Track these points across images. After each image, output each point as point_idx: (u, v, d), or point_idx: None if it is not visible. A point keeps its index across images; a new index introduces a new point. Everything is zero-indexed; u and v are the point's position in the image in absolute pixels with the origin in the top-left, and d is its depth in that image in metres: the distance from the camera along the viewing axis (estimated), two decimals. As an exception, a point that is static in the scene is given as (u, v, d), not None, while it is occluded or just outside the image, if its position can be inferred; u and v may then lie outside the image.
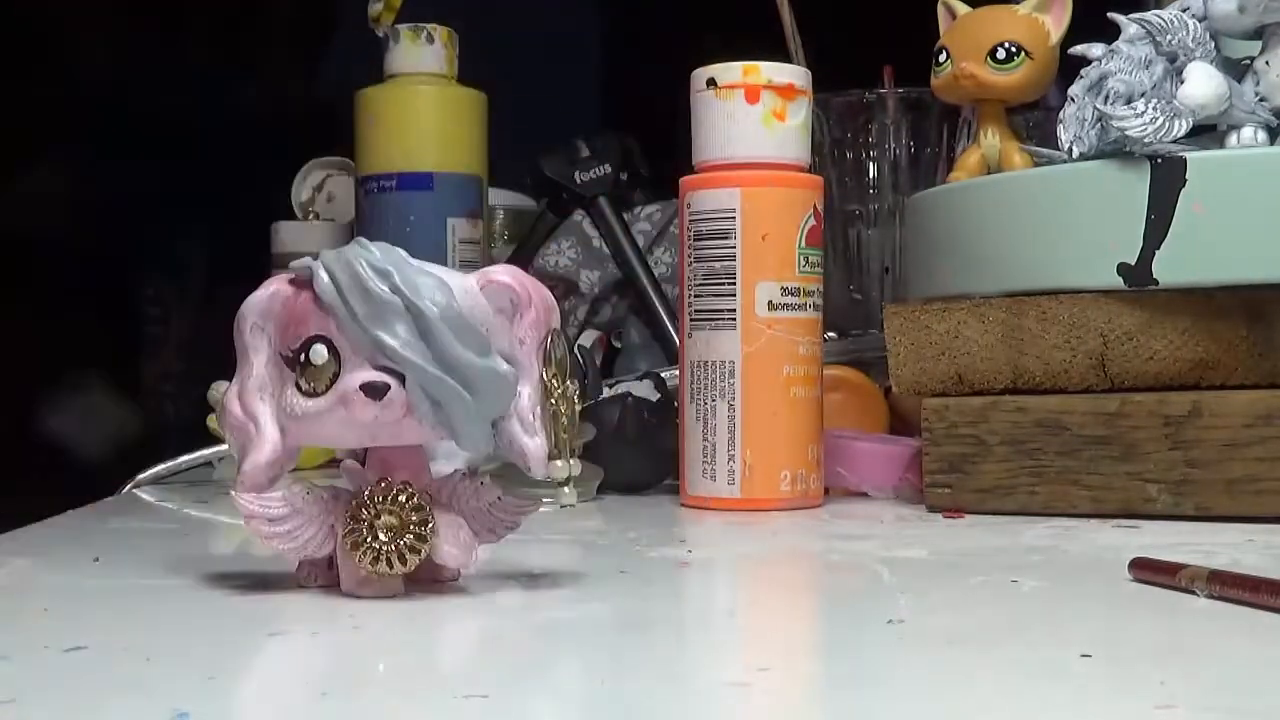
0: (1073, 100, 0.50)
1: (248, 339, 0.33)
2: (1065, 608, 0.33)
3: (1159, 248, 0.48)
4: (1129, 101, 0.48)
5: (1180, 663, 0.26)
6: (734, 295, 0.53)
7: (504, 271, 0.33)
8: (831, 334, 0.67)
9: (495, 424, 0.32)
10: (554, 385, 0.33)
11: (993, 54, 0.55)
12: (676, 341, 0.60)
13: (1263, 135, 0.48)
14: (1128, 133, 0.47)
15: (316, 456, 0.64)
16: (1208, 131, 0.49)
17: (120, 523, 0.53)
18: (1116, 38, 0.50)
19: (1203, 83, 0.47)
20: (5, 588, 0.36)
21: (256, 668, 0.25)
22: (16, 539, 0.45)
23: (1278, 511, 0.47)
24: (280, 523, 0.32)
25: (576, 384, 0.34)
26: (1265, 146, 0.48)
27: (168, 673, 0.24)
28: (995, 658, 0.27)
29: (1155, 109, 0.47)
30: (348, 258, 0.31)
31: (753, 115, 0.54)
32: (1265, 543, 0.42)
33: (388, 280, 0.31)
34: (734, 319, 0.53)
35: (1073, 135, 0.50)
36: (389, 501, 0.31)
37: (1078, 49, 0.51)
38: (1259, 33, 0.49)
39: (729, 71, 0.54)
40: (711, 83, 0.54)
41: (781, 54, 0.70)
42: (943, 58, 0.56)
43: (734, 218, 0.53)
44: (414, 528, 0.31)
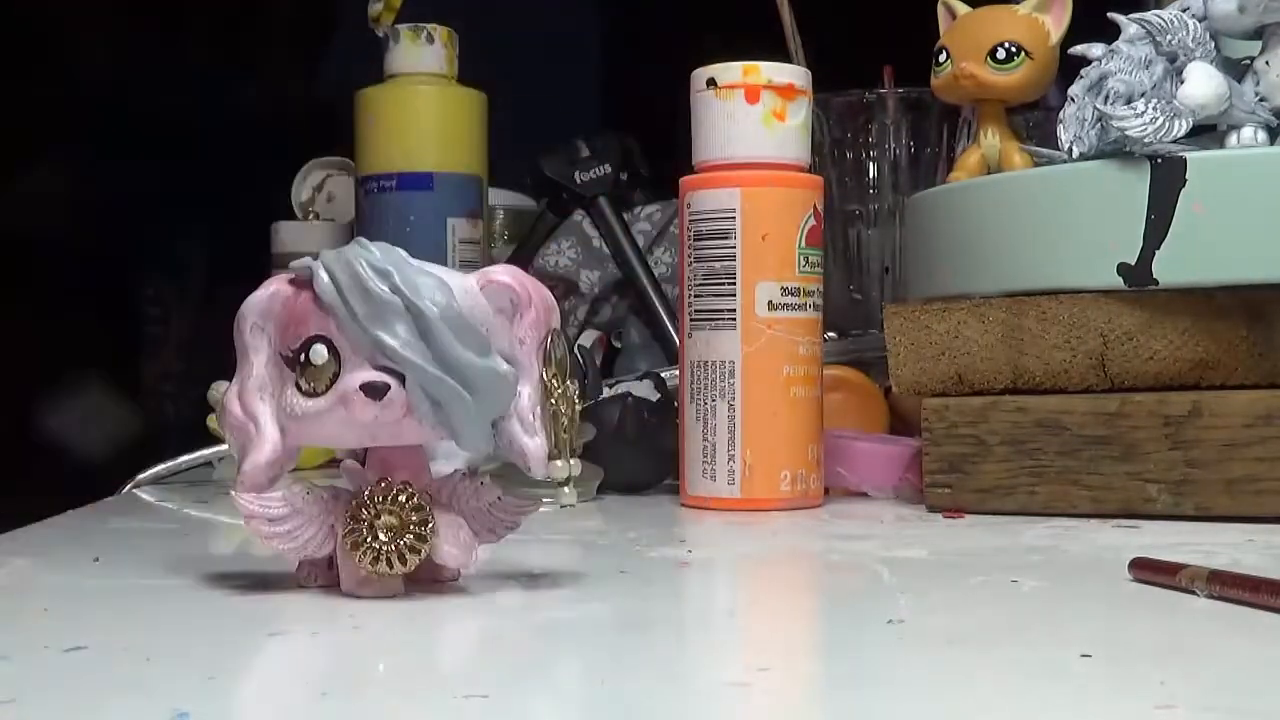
0: (1073, 100, 0.50)
1: (248, 339, 0.33)
2: (1065, 608, 0.33)
3: (1159, 248, 0.48)
4: (1129, 101, 0.48)
5: (1180, 663, 0.26)
6: (734, 295, 0.53)
7: (504, 271, 0.33)
8: (831, 334, 0.67)
9: (495, 424, 0.32)
10: (554, 385, 0.33)
11: (993, 54, 0.55)
12: (676, 341, 0.60)
13: (1263, 135, 0.48)
14: (1128, 133, 0.47)
15: (316, 456, 0.64)
16: (1208, 131, 0.49)
17: (120, 523, 0.53)
18: (1116, 38, 0.50)
19: (1203, 83, 0.47)
20: (5, 588, 0.36)
21: (256, 668, 0.25)
22: (16, 539, 0.45)
23: (1278, 511, 0.47)
24: (280, 523, 0.32)
25: (576, 384, 0.34)
26: (1265, 146, 0.48)
27: (168, 673, 0.24)
28: (995, 658, 0.27)
29: (1155, 109, 0.47)
30: (348, 258, 0.31)
31: (753, 115, 0.54)
32: (1265, 543, 0.42)
33: (388, 280, 0.31)
34: (734, 319, 0.53)
35: (1073, 135, 0.50)
36: (389, 501, 0.31)
37: (1078, 49, 0.51)
38: (1259, 33, 0.49)
39: (729, 71, 0.54)
40: (711, 83, 0.54)
41: (781, 54, 0.70)
42: (943, 58, 0.56)
43: (734, 218, 0.53)
44: (414, 528, 0.31)
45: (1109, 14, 0.50)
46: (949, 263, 0.55)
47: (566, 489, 0.34)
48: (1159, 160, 0.48)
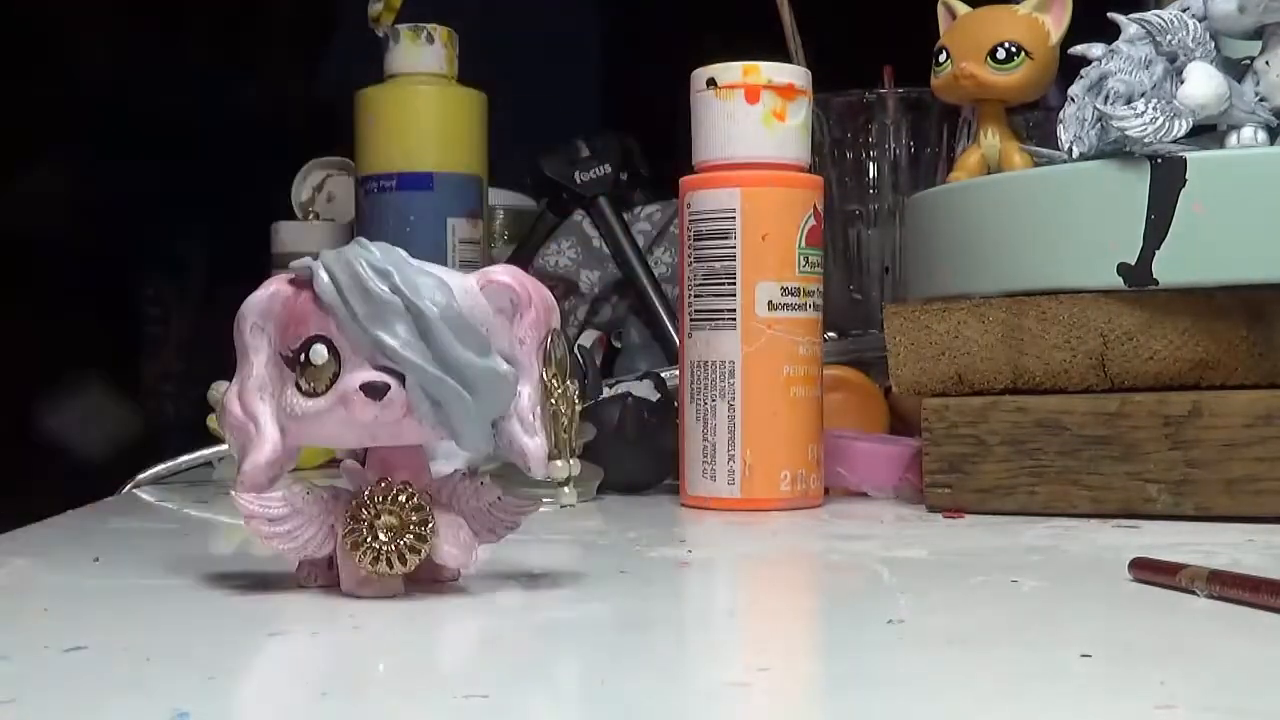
0: (1073, 100, 0.50)
1: (248, 339, 0.33)
2: (1065, 608, 0.33)
3: (1159, 248, 0.48)
4: (1129, 101, 0.48)
5: (1180, 663, 0.26)
6: (734, 295, 0.53)
7: (504, 271, 0.33)
8: (831, 334, 0.67)
9: (495, 424, 0.32)
10: (554, 385, 0.33)
11: (993, 54, 0.55)
12: (676, 341, 0.60)
13: (1263, 135, 0.48)
14: (1128, 133, 0.47)
15: (316, 456, 0.64)
16: (1208, 131, 0.49)
17: (120, 523, 0.53)
18: (1116, 38, 0.50)
19: (1203, 83, 0.47)
20: (5, 588, 0.36)
21: (256, 668, 0.25)
22: (16, 539, 0.45)
23: (1278, 511, 0.47)
24: (280, 523, 0.32)
25: (576, 384, 0.34)
26: (1265, 146, 0.48)
27: (168, 673, 0.24)
28: (995, 658, 0.27)
29: (1155, 109, 0.47)
30: (348, 258, 0.31)
31: (753, 115, 0.54)
32: (1265, 543, 0.42)
33: (388, 280, 0.31)
34: (734, 319, 0.53)
35: (1073, 135, 0.50)
36: (389, 501, 0.31)
37: (1078, 49, 0.51)
38: (1259, 33, 0.49)
39: (729, 71, 0.54)
40: (711, 83, 0.54)
41: (781, 54, 0.70)
42: (943, 58, 0.56)
43: (734, 218, 0.53)
44: (414, 528, 0.31)
45: (1109, 14, 0.50)
46: (949, 263, 0.55)
47: (566, 489, 0.34)
48: (1159, 160, 0.48)
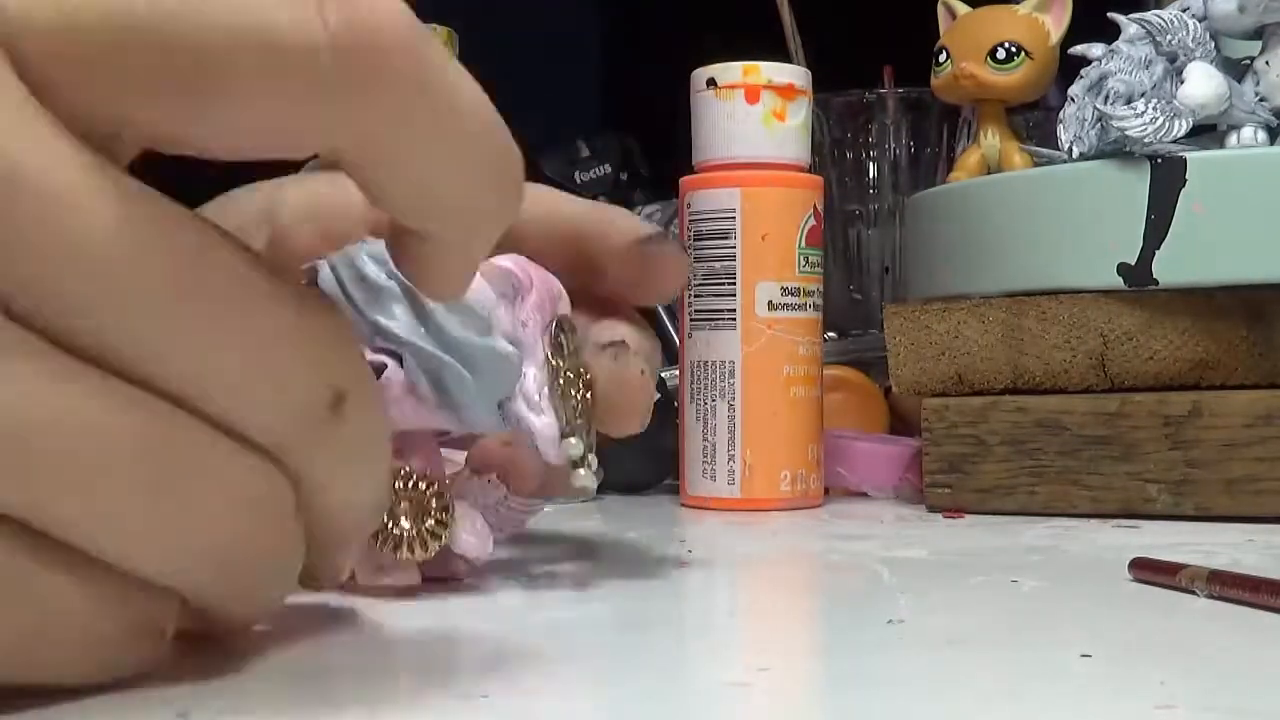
0: (1073, 100, 0.50)
1: None
2: (1065, 608, 0.33)
3: (1159, 248, 0.48)
4: (1129, 101, 0.48)
5: (1180, 663, 0.26)
6: (734, 295, 0.53)
7: (506, 258, 0.33)
8: (831, 334, 0.67)
9: (503, 406, 0.32)
10: (560, 365, 0.33)
11: (993, 54, 0.55)
12: (676, 341, 0.60)
13: (1263, 135, 0.48)
14: (1128, 133, 0.47)
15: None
16: (1208, 131, 0.49)
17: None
18: (1116, 38, 0.50)
19: (1203, 83, 0.47)
20: (5, 588, 0.36)
21: (257, 668, 0.25)
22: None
23: (1278, 511, 0.47)
24: None
25: (586, 368, 0.33)
26: (1265, 146, 0.48)
27: (168, 673, 0.24)
28: (995, 658, 0.27)
29: (1155, 109, 0.47)
30: (349, 252, 0.31)
31: (753, 115, 0.54)
32: (1265, 543, 0.42)
33: (385, 266, 0.31)
34: (734, 319, 0.53)
35: (1073, 135, 0.50)
36: (409, 489, 0.31)
37: (1078, 49, 0.51)
38: (1259, 33, 0.49)
39: (729, 71, 0.54)
40: (711, 83, 0.54)
41: (781, 54, 0.70)
42: (943, 58, 0.56)
43: (734, 218, 0.54)
44: (435, 513, 0.31)
45: (1109, 14, 0.50)
46: (949, 263, 0.55)
47: (582, 470, 0.33)
48: (1159, 160, 0.48)
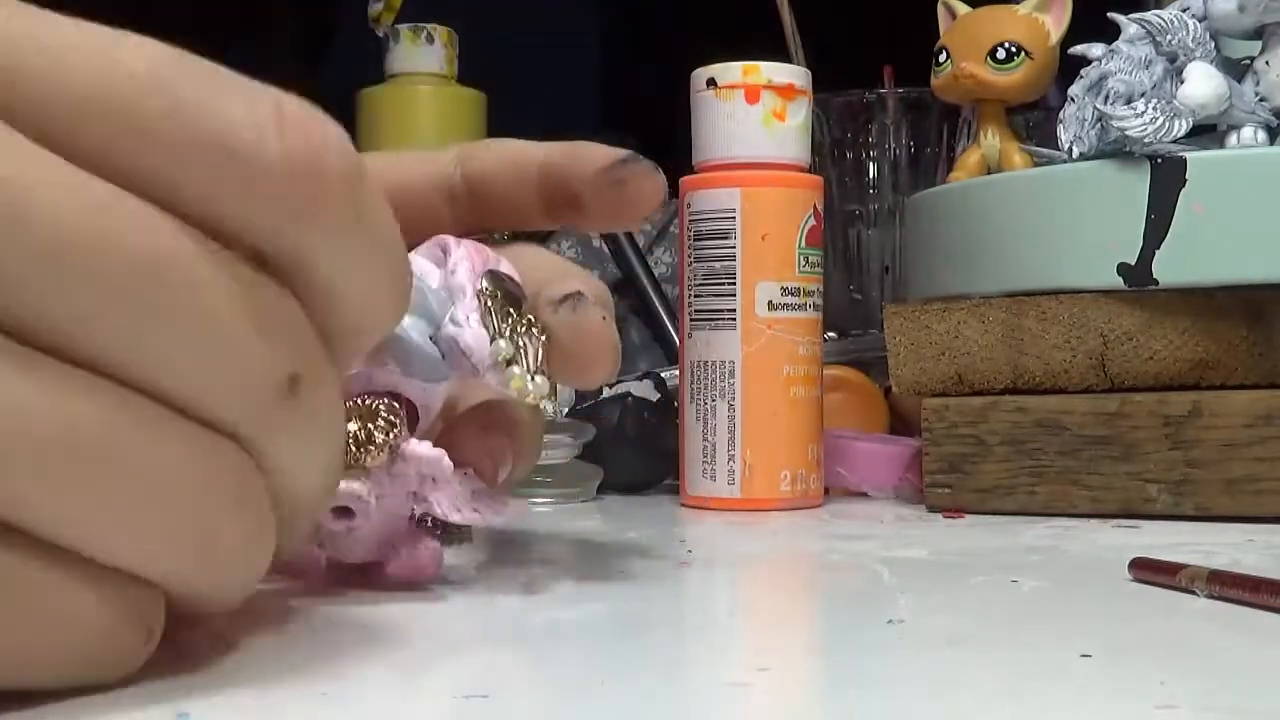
0: (1073, 100, 0.50)
1: None
2: (1065, 608, 0.33)
3: (1159, 248, 0.48)
4: (1129, 101, 0.48)
5: (1180, 663, 0.26)
6: (734, 295, 0.53)
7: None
8: (831, 334, 0.67)
9: (434, 338, 0.31)
10: (493, 304, 0.31)
11: (993, 54, 0.55)
12: (676, 341, 0.60)
13: (1263, 135, 0.48)
14: (1128, 133, 0.47)
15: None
16: (1208, 131, 0.49)
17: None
18: (1116, 38, 0.50)
19: (1203, 83, 0.47)
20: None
21: (256, 668, 0.25)
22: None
23: (1278, 511, 0.47)
24: None
25: (538, 323, 0.32)
26: (1265, 146, 0.48)
27: (168, 673, 0.24)
28: (995, 658, 0.27)
29: (1155, 109, 0.47)
30: None
31: (753, 115, 0.54)
32: (1265, 543, 0.42)
33: None
34: (734, 319, 0.53)
35: (1073, 135, 0.50)
36: (356, 405, 0.31)
37: (1078, 49, 0.51)
38: (1259, 33, 0.49)
39: (729, 71, 0.54)
40: (711, 83, 0.54)
41: (781, 54, 0.70)
42: (943, 58, 0.56)
43: (734, 218, 0.54)
44: (384, 416, 0.30)
45: (1109, 14, 0.50)
46: (949, 263, 0.55)
47: (516, 369, 0.32)
48: (1159, 160, 0.48)
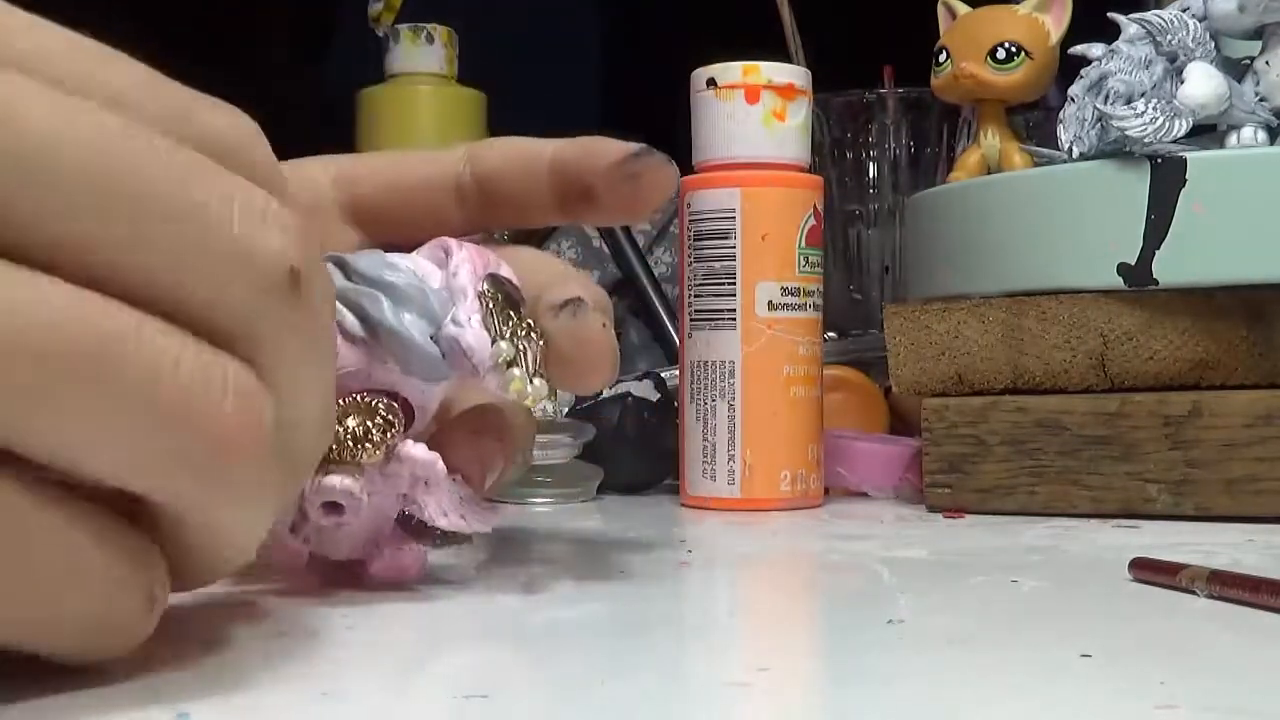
0: (1073, 100, 0.50)
1: None
2: (1065, 608, 0.33)
3: (1159, 248, 0.48)
4: (1129, 101, 0.48)
5: (1180, 663, 0.26)
6: (734, 295, 0.53)
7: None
8: (831, 334, 0.67)
9: (435, 338, 0.31)
10: (493, 305, 0.31)
11: (993, 54, 0.55)
12: (676, 341, 0.60)
13: (1263, 135, 0.48)
14: (1128, 133, 0.47)
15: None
16: (1208, 131, 0.49)
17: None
18: (1116, 38, 0.50)
19: (1203, 83, 0.47)
20: None
21: (256, 668, 0.25)
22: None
23: (1278, 511, 0.47)
24: None
25: (537, 327, 0.32)
26: (1265, 146, 0.48)
27: (168, 673, 0.24)
28: (995, 658, 0.27)
29: (1155, 109, 0.47)
30: None
31: (753, 115, 0.54)
32: (1265, 543, 0.42)
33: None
34: (734, 319, 0.53)
35: (1073, 135, 0.50)
36: (353, 402, 0.31)
37: (1078, 49, 0.51)
38: (1259, 33, 0.49)
39: (729, 71, 0.54)
40: (711, 83, 0.54)
41: (781, 54, 0.70)
42: (943, 58, 0.56)
43: (734, 218, 0.54)
44: (384, 413, 0.31)
45: (1109, 14, 0.50)
46: (949, 263, 0.55)
47: (516, 371, 0.32)
48: (1159, 160, 0.48)
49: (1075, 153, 0.50)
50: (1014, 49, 0.54)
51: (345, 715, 0.22)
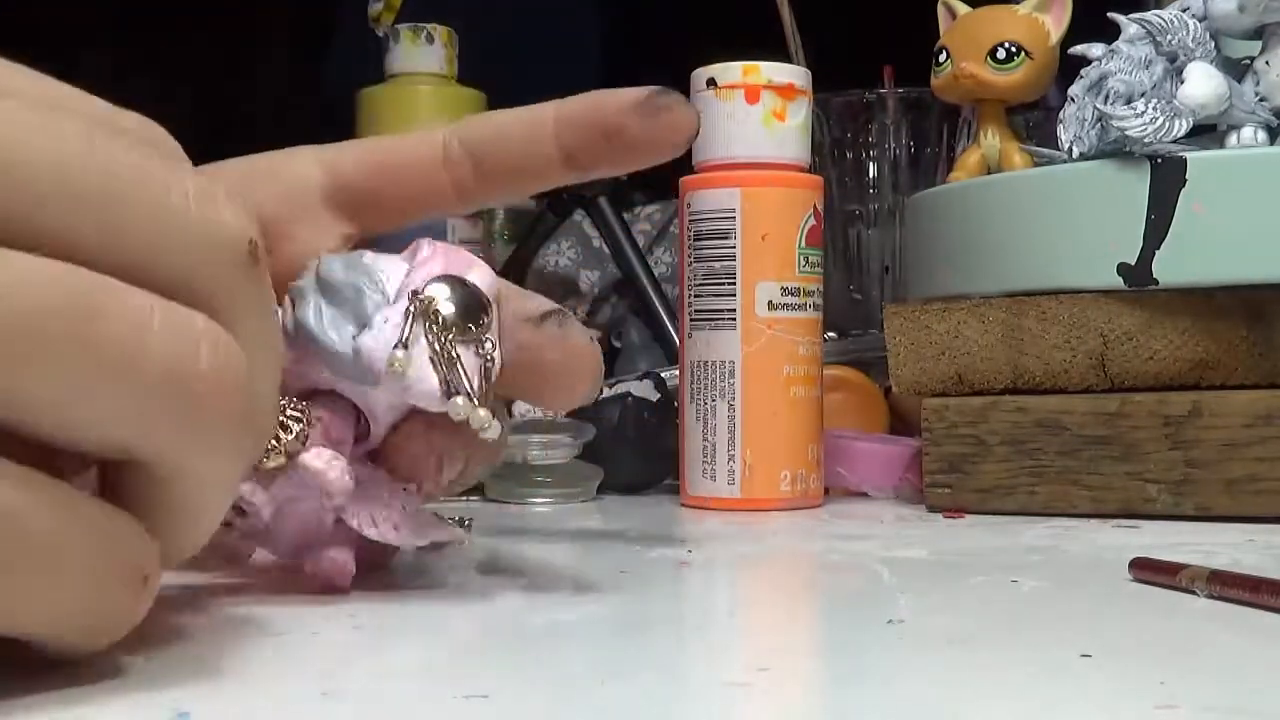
0: (1073, 100, 0.50)
1: None
2: (1065, 608, 0.33)
3: (1159, 248, 0.48)
4: (1129, 101, 0.48)
5: (1180, 663, 0.26)
6: (734, 295, 0.53)
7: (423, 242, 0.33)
8: (831, 334, 0.67)
9: (356, 339, 0.30)
10: (424, 311, 0.30)
11: (993, 54, 0.55)
12: (676, 341, 0.60)
13: (1263, 135, 0.48)
14: (1128, 133, 0.47)
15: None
16: (1208, 131, 0.49)
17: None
18: (1116, 38, 0.50)
19: (1203, 83, 0.47)
20: None
21: (256, 668, 0.25)
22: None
23: (1278, 511, 0.47)
24: None
25: (487, 334, 0.31)
26: (1265, 146, 0.48)
27: (168, 673, 0.24)
28: (995, 658, 0.27)
29: (1155, 109, 0.47)
30: None
31: (753, 115, 0.54)
32: (1265, 543, 0.42)
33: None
34: (734, 319, 0.53)
35: (1073, 135, 0.50)
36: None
37: (1078, 49, 0.51)
38: (1259, 33, 0.49)
39: (729, 71, 0.54)
40: (711, 83, 0.54)
41: (781, 54, 0.70)
42: (943, 58, 0.56)
43: (734, 218, 0.54)
44: (293, 409, 0.30)
45: (1109, 14, 0.50)
46: (949, 263, 0.55)
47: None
48: (1159, 160, 0.48)
49: (1075, 153, 0.50)
50: (1014, 49, 0.54)
51: (345, 715, 0.22)
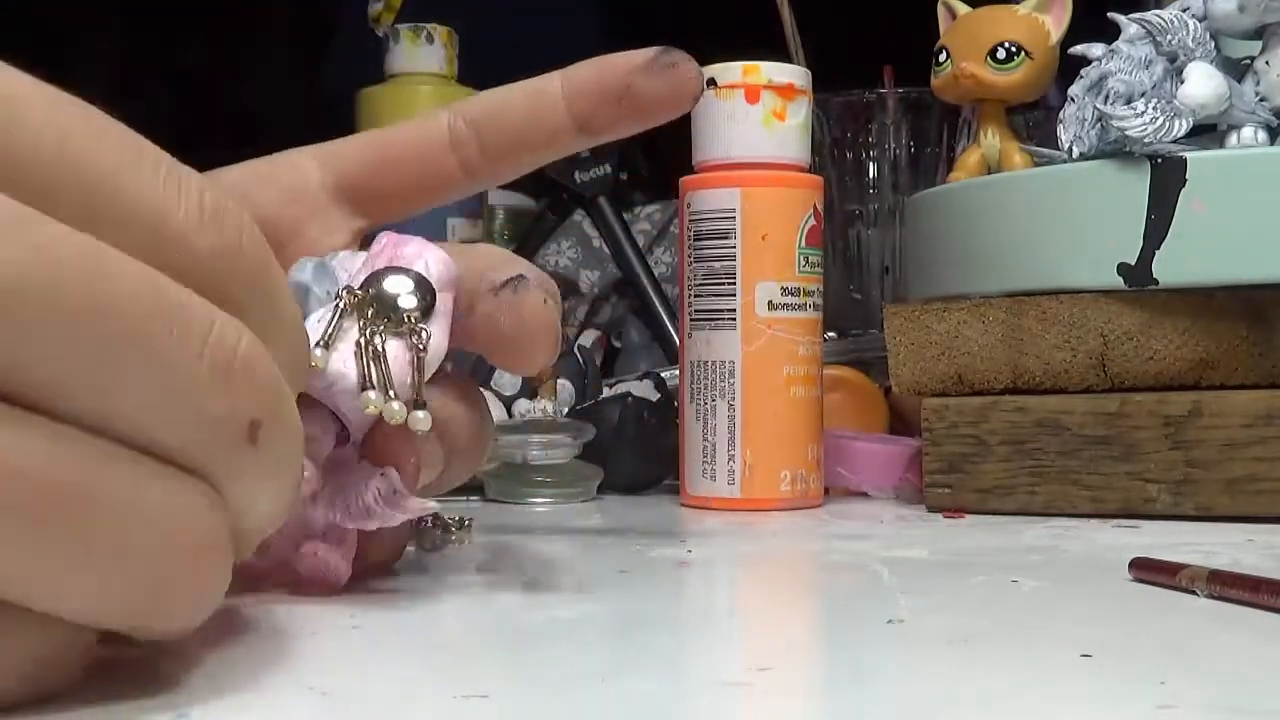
0: (1073, 100, 0.50)
1: None
2: (1065, 608, 0.33)
3: (1159, 248, 0.48)
4: (1129, 101, 0.48)
5: (1180, 663, 0.26)
6: (734, 295, 0.53)
7: (415, 243, 0.32)
8: (831, 334, 0.67)
9: None
10: (356, 305, 0.30)
11: (993, 54, 0.55)
12: (676, 341, 0.60)
13: (1263, 135, 0.48)
14: (1128, 133, 0.47)
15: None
16: (1208, 131, 0.49)
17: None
18: (1116, 38, 0.50)
19: (1203, 83, 0.47)
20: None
21: (256, 668, 0.25)
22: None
23: (1278, 511, 0.47)
24: None
25: (423, 323, 0.30)
26: (1265, 146, 0.48)
27: (168, 673, 0.24)
28: (995, 657, 0.27)
29: (1155, 109, 0.47)
30: None
31: (753, 115, 0.54)
32: (1265, 543, 0.42)
33: None
34: (734, 319, 0.53)
35: (1073, 135, 0.50)
36: None
37: (1078, 49, 0.51)
38: (1259, 33, 0.49)
39: (729, 71, 0.54)
40: (711, 83, 0.54)
41: (781, 54, 0.70)
42: (943, 58, 0.56)
43: (734, 218, 0.54)
44: None
45: (1109, 14, 0.50)
46: (949, 263, 0.55)
47: (388, 410, 0.30)
48: (1159, 160, 0.48)
49: (1075, 153, 0.50)
50: (1014, 49, 0.54)
51: (345, 715, 0.22)
